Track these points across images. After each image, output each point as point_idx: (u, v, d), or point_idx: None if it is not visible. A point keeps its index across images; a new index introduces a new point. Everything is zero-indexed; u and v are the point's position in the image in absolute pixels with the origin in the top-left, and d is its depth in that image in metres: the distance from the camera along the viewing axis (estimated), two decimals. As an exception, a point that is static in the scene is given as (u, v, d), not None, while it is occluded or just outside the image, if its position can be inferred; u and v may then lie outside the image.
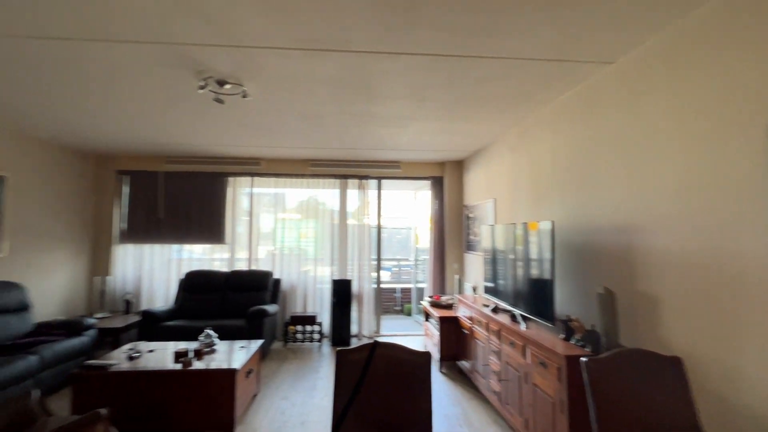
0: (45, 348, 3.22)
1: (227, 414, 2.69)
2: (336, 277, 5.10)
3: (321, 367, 4.00)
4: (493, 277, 3.38)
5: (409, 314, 6.72)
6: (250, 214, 5.14)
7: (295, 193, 5.30)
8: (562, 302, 2.67)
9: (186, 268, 4.97)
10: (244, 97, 2.63)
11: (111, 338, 4.06)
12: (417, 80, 2.51)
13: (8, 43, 2.05)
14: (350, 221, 5.24)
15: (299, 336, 4.76)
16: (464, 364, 3.72)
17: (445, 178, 5.29)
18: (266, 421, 2.86)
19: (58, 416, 2.13)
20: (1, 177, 3.62)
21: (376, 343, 1.59)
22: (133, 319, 4.35)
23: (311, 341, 4.76)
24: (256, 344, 3.33)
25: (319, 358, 4.32)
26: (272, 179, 5.15)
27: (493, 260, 3.39)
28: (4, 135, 3.66)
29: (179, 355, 2.89)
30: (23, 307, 3.57)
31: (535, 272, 2.61)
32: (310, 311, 5.07)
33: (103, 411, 1.84)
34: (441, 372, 3.88)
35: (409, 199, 7.05)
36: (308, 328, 4.78)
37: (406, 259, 7.85)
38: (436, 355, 3.97)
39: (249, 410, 3.02)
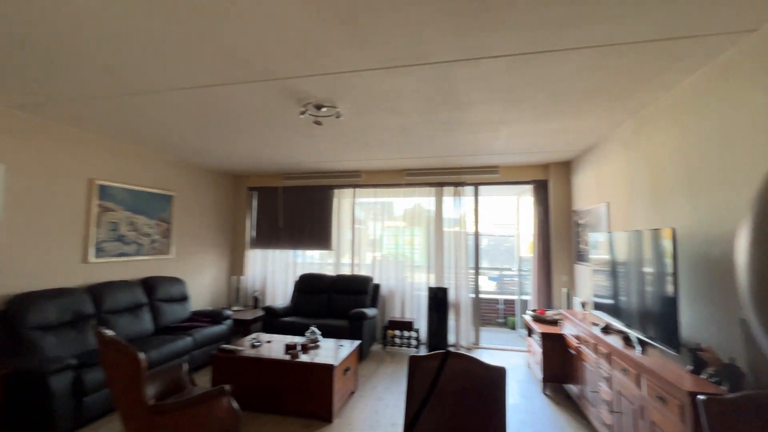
0: (197, 332, 4.03)
1: (326, 405, 2.96)
2: (433, 285, 5.13)
3: (416, 373, 4.05)
4: (606, 292, 2.97)
5: (512, 328, 6.30)
6: (353, 222, 5.55)
7: (399, 201, 5.52)
8: (691, 326, 2.20)
9: (300, 271, 5.64)
10: (337, 117, 2.91)
11: (242, 328, 4.85)
12: (501, 83, 2.42)
13: (169, 95, 2.69)
14: (446, 229, 5.21)
15: (397, 340, 4.91)
16: (571, 388, 3.34)
17: (550, 181, 4.85)
18: (361, 417, 3.04)
19: (199, 387, 2.65)
20: (171, 195, 4.69)
21: (448, 352, 1.58)
22: (259, 313, 5.11)
23: (408, 346, 4.86)
24: (354, 344, 3.58)
25: (415, 363, 4.38)
26: (371, 189, 5.47)
27: (609, 273, 2.97)
28: (171, 164, 4.75)
29: (289, 348, 3.30)
30: (184, 298, 4.53)
31: (654, 288, 2.22)
32: (407, 317, 5.19)
33: (227, 387, 2.23)
34: (545, 394, 3.55)
35: (511, 204, 6.66)
36: (406, 333, 4.89)
37: (510, 269, 7.40)
38: (538, 374, 3.66)
39: (346, 405, 3.25)
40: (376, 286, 5.14)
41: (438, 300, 4.83)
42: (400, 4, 1.65)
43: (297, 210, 5.70)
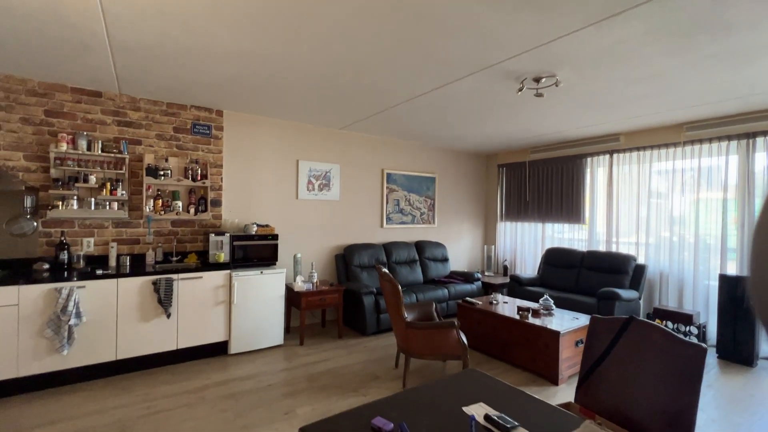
0: (452, 286, 4.98)
1: (552, 368, 3.09)
2: (730, 273, 3.85)
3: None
4: None
5: None
6: (608, 194, 4.92)
7: (665, 167, 4.44)
8: None
9: (550, 244, 5.61)
10: (557, 86, 2.86)
11: (490, 291, 5.45)
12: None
13: (415, 101, 3.54)
14: (758, 199, 3.73)
15: (669, 333, 4.07)
16: None
17: None
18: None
19: (442, 320, 3.45)
20: (434, 177, 5.86)
21: (632, 318, 1.49)
22: (506, 280, 5.55)
23: (685, 343, 3.94)
24: (587, 318, 3.40)
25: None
26: (634, 154, 4.64)
27: None
28: (433, 151, 5.89)
29: (521, 310, 3.60)
30: (445, 259, 5.63)
31: None
32: (687, 308, 4.17)
33: (456, 322, 2.87)
34: None
35: None
36: (682, 327, 3.98)
37: None
38: None
39: (577, 376, 3.21)
40: (640, 267, 4.41)
41: (737, 293, 3.62)
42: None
43: (544, 183, 5.64)
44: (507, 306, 3.87)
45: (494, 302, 3.99)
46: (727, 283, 3.70)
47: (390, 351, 3.74)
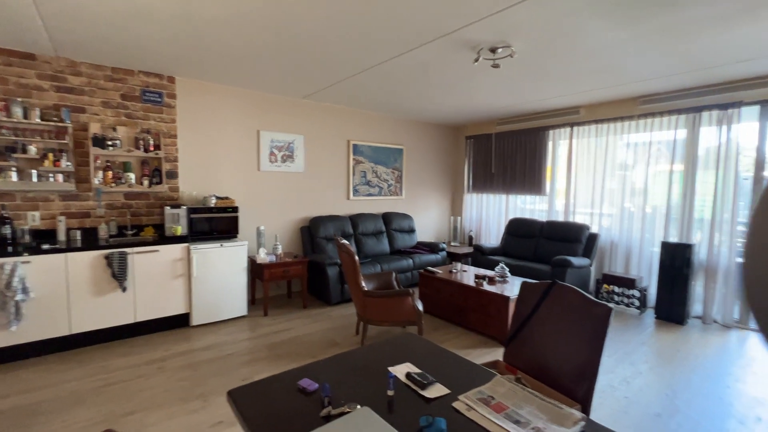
0: (417, 257, 5.11)
1: (502, 330, 3.28)
2: (670, 240, 4.12)
3: (634, 339, 3.57)
4: None
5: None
6: (568, 166, 5.07)
7: (620, 140, 4.59)
8: None
9: (513, 215, 5.79)
10: (512, 57, 2.86)
11: (454, 260, 5.63)
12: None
13: (377, 69, 3.46)
14: (701, 172, 3.95)
15: (615, 297, 4.37)
16: None
17: None
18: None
19: (402, 288, 3.56)
20: (401, 148, 5.85)
21: (554, 282, 1.60)
22: (470, 250, 5.73)
23: (628, 306, 4.25)
24: (540, 285, 3.61)
25: (636, 326, 3.83)
26: (593, 126, 4.76)
27: None
28: (400, 122, 5.84)
29: (477, 278, 3.75)
30: (411, 230, 5.73)
31: None
32: (633, 273, 4.46)
33: (411, 290, 2.97)
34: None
35: None
36: (627, 291, 4.28)
37: None
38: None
39: (526, 338, 3.43)
40: (593, 236, 4.65)
41: (675, 259, 3.89)
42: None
43: (509, 155, 5.74)
44: (466, 274, 4.03)
45: (454, 271, 4.14)
46: (668, 250, 3.96)
47: (352, 319, 3.86)
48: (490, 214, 6.14)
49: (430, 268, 4.17)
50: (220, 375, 2.69)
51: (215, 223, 3.71)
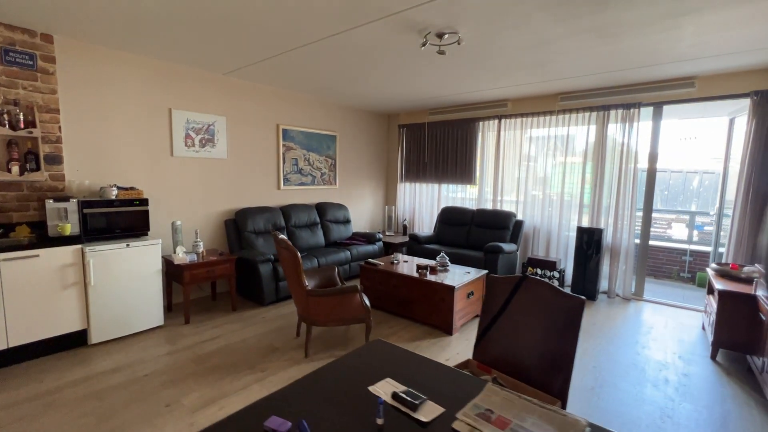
0: (354, 248, 4.94)
1: (447, 319, 3.31)
2: (585, 225, 4.59)
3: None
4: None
5: (703, 285, 5.08)
6: (496, 156, 5.33)
7: (549, 133, 4.94)
8: None
9: (445, 204, 5.94)
10: (459, 44, 2.81)
11: (391, 250, 5.60)
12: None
13: (313, 47, 3.15)
14: (608, 164, 4.43)
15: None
16: (755, 361, 2.65)
17: (786, 90, 3.40)
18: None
19: (346, 285, 3.36)
20: (335, 135, 5.56)
21: (524, 276, 1.58)
22: (405, 239, 5.75)
23: (549, 286, 4.65)
24: (480, 273, 3.73)
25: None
26: (519, 120, 5.05)
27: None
28: (334, 107, 5.54)
29: (420, 268, 3.73)
30: (347, 221, 5.52)
31: None
32: (552, 257, 4.89)
33: (359, 286, 2.79)
34: (714, 360, 2.94)
35: (716, 130, 4.98)
36: (548, 272, 4.67)
37: (709, 213, 5.74)
38: (709, 336, 3.02)
39: (468, 325, 3.53)
40: (518, 222, 4.97)
41: (588, 242, 4.34)
42: None
43: (441, 145, 5.84)
44: (407, 265, 3.99)
45: (395, 262, 4.07)
46: (581, 233, 4.40)
47: (291, 320, 3.57)
48: (424, 202, 6.22)
49: (370, 260, 4.04)
50: (136, 402, 2.23)
51: (118, 219, 3.08)
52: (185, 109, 3.86)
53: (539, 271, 4.72)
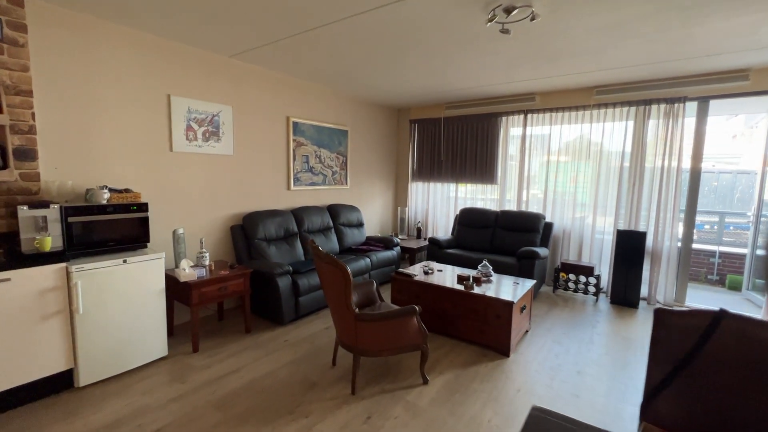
0: (373, 255, 4.46)
1: (504, 339, 2.90)
2: (622, 227, 4.30)
3: (598, 323, 3.60)
4: None
5: (734, 288, 4.92)
6: (521, 154, 4.98)
7: (574, 129, 4.62)
8: None
9: (460, 205, 5.54)
10: (532, 20, 2.39)
11: (408, 255, 5.15)
12: None
13: (357, 22, 2.65)
14: (648, 162, 4.15)
15: (571, 285, 4.43)
16: None
17: None
18: (539, 357, 2.89)
19: (386, 303, 2.90)
20: (346, 130, 5.05)
21: (723, 312, 1.18)
22: (423, 243, 5.32)
23: (585, 293, 4.34)
24: (529, 283, 3.34)
25: (594, 312, 3.90)
26: (548, 114, 4.71)
27: None
28: (346, 99, 5.03)
29: (461, 279, 3.30)
30: (360, 224, 5.03)
31: None
32: (584, 261, 4.58)
33: (418, 308, 2.33)
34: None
35: (752, 128, 4.82)
36: (582, 278, 4.35)
37: (743, 214, 5.62)
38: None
39: (521, 342, 3.14)
40: (548, 225, 4.63)
41: (629, 246, 4.05)
42: None
43: (459, 142, 5.44)
44: (442, 275, 3.56)
45: (429, 271, 3.63)
46: (622, 237, 4.10)
47: (319, 342, 3.06)
48: (438, 203, 5.81)
49: (402, 270, 3.58)
50: (151, 475, 1.69)
51: (113, 229, 2.48)
52: (186, 96, 3.27)
53: (572, 276, 4.40)
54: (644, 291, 4.26)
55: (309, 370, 2.62)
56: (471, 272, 3.56)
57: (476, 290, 3.10)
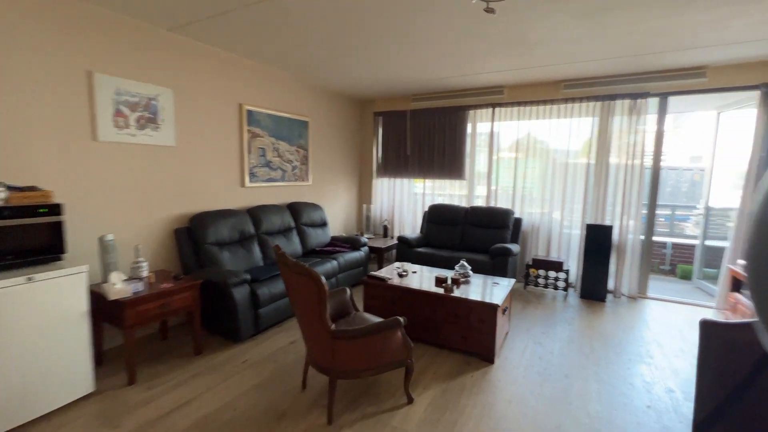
0: (340, 256, 4.11)
1: (489, 345, 2.71)
2: (590, 222, 4.32)
3: (573, 320, 3.56)
4: None
5: (685, 277, 5.20)
6: (489, 148, 4.88)
7: (542, 124, 4.57)
8: None
9: (428, 202, 5.35)
10: (522, -3, 2.19)
11: (376, 255, 4.87)
12: None
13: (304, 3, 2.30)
14: (613, 158, 4.20)
15: (541, 280, 4.40)
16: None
17: (797, 83, 3.38)
18: (524, 361, 2.73)
19: (361, 313, 2.59)
20: (306, 122, 4.64)
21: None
22: (391, 242, 5.06)
23: (555, 288, 4.32)
24: (509, 282, 3.19)
25: (565, 308, 3.87)
26: (515, 109, 4.63)
27: None
28: (305, 87, 4.61)
29: (439, 281, 3.08)
30: (324, 224, 4.65)
31: None
32: (553, 256, 4.58)
33: (403, 319, 2.05)
34: None
35: (702, 124, 5.10)
36: (552, 273, 4.33)
37: (692, 207, 5.99)
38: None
39: (504, 346, 2.98)
40: (518, 221, 4.57)
41: (597, 240, 4.07)
42: None
43: (426, 135, 5.23)
44: (418, 277, 3.31)
45: (404, 274, 3.37)
46: (591, 231, 4.12)
47: (283, 359, 2.68)
48: (404, 200, 5.57)
49: (374, 273, 3.28)
50: None
51: (12, 238, 1.93)
52: (114, 75, 2.70)
53: (542, 272, 4.36)
54: (610, 284, 4.32)
55: (275, 396, 2.24)
56: (448, 273, 3.35)
57: (456, 293, 2.89)
